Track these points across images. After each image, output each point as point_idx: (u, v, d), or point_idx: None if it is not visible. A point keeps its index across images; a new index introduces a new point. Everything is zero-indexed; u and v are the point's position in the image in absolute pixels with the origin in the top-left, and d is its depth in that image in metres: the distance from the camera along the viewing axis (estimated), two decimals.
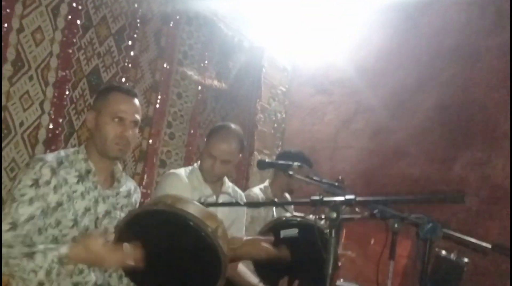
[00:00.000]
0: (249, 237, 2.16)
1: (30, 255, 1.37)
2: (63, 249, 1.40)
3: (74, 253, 1.40)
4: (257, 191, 2.77)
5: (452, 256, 2.83)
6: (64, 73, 2.24)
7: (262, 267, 2.07)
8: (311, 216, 1.94)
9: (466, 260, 2.85)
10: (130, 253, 1.41)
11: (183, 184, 2.11)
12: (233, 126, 2.24)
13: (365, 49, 4.13)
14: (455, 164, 3.58)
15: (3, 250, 1.38)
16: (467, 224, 3.37)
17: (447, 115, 3.67)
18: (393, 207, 2.09)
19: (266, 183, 2.87)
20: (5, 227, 1.43)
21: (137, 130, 1.71)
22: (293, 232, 1.98)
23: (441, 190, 3.51)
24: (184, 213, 1.41)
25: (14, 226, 1.44)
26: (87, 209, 1.60)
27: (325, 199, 1.56)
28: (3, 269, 1.40)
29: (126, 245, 1.44)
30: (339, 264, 2.55)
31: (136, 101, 1.71)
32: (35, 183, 1.49)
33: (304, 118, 4.39)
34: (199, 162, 2.23)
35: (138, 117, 1.69)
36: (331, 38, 4.29)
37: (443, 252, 2.89)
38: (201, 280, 1.50)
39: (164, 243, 1.47)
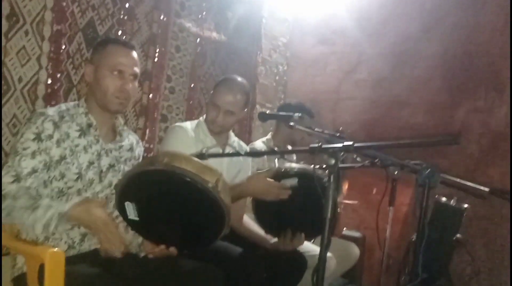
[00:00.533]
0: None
1: (33, 209, 1.40)
2: (65, 206, 1.42)
3: (75, 213, 1.42)
4: (259, 144, 2.79)
5: (452, 202, 2.89)
6: (59, 27, 2.21)
7: (265, 219, 2.11)
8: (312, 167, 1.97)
9: (465, 205, 2.91)
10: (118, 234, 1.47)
11: (188, 136, 2.13)
12: (239, 79, 2.24)
13: None
14: (457, 112, 3.57)
15: (8, 201, 1.41)
16: (468, 172, 3.39)
17: (450, 63, 3.62)
18: (393, 155, 2.11)
19: (269, 136, 2.89)
20: (8, 179, 1.46)
21: (136, 83, 1.70)
22: (293, 181, 2.02)
23: (445, 135, 3.52)
24: (182, 171, 1.42)
25: (17, 178, 1.47)
26: (90, 163, 1.62)
27: (324, 146, 1.58)
28: (5, 219, 1.43)
29: (128, 204, 1.48)
30: (339, 210, 2.61)
31: (135, 53, 1.69)
32: (38, 137, 1.51)
33: (306, 70, 4.34)
34: (205, 115, 2.24)
35: (137, 70, 1.68)
36: None
37: (443, 198, 2.94)
38: (206, 232, 1.54)
39: (166, 201, 1.50)
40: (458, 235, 2.90)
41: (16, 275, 1.57)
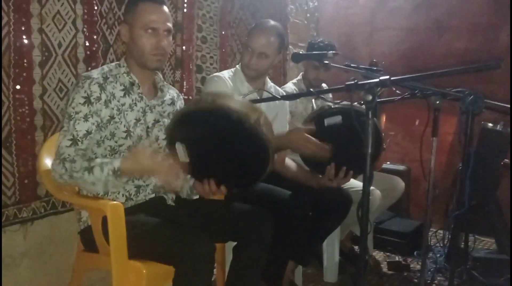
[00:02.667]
0: (292, 128, 2.23)
1: (90, 169, 1.49)
2: (116, 163, 1.51)
3: (125, 166, 1.51)
4: (290, 86, 2.78)
5: (498, 127, 2.81)
6: None
7: (311, 158, 2.15)
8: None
9: None
10: (177, 163, 1.53)
11: (227, 85, 2.17)
12: (273, 22, 2.23)
13: None
14: (501, 33, 3.38)
15: (67, 164, 1.51)
16: None
17: None
18: (434, 85, 2.06)
19: (300, 76, 2.87)
20: (66, 143, 1.56)
21: (171, 38, 1.72)
22: (337, 119, 2.02)
23: (486, 60, 3.37)
24: (225, 107, 1.48)
25: (74, 141, 1.56)
26: (137, 120, 1.69)
27: (359, 83, 1.57)
28: (68, 181, 1.54)
29: (178, 145, 1.55)
30: (384, 146, 2.61)
31: (165, 8, 1.70)
32: (87, 100, 1.58)
33: (338, 3, 4.20)
34: (241, 63, 2.25)
35: (170, 25, 1.69)
36: None
37: (489, 124, 2.87)
38: (253, 167, 1.60)
39: (213, 139, 1.57)
40: (505, 160, 2.85)
41: (82, 228, 1.71)
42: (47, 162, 1.74)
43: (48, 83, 2.09)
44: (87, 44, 2.24)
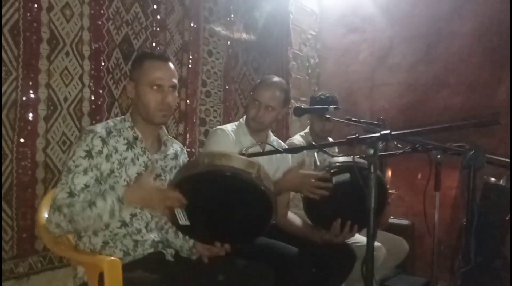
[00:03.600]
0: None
1: (91, 204, 1.49)
2: (119, 191, 1.53)
3: (129, 192, 1.53)
4: (298, 138, 2.80)
5: (502, 182, 2.80)
6: (97, 45, 2.31)
7: (315, 212, 2.13)
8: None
9: None
10: (176, 195, 1.53)
11: (229, 138, 2.19)
12: (278, 78, 2.32)
13: None
14: (498, 88, 3.45)
15: (65, 210, 1.50)
16: None
17: (486, 38, 3.51)
18: (435, 140, 2.08)
19: (307, 129, 2.90)
20: (63, 195, 1.55)
21: (176, 93, 1.75)
22: (345, 176, 2.02)
23: (485, 115, 3.42)
24: (223, 168, 1.49)
25: (71, 194, 1.55)
26: (139, 174, 1.69)
27: (361, 136, 1.58)
28: (68, 227, 1.52)
29: (177, 211, 1.57)
30: (389, 201, 2.58)
31: (170, 64, 1.74)
32: (88, 154, 1.59)
33: (338, 60, 4.31)
34: (244, 117, 2.29)
35: (175, 81, 1.73)
36: None
37: (492, 178, 2.86)
38: (256, 222, 1.59)
39: (213, 200, 1.56)
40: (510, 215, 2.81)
41: (78, 285, 1.66)
42: (46, 215, 1.72)
43: (52, 137, 2.12)
44: (93, 98, 2.29)
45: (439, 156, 2.22)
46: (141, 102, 1.70)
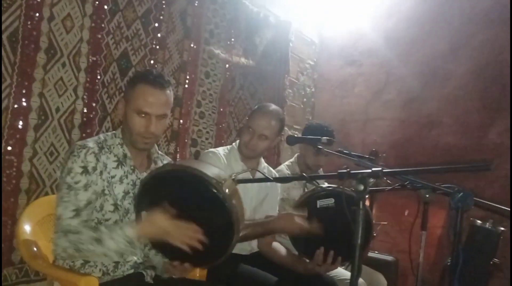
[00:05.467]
0: (283, 212, 2.21)
1: (98, 240, 1.44)
2: (129, 231, 1.45)
3: (143, 231, 1.47)
4: (284, 168, 2.77)
5: (488, 225, 2.80)
6: (95, 58, 2.31)
7: (298, 239, 2.10)
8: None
9: (502, 228, 2.81)
10: (193, 227, 1.47)
11: (220, 162, 2.17)
12: (275, 106, 2.29)
13: (394, 17, 4.02)
14: (490, 131, 3.49)
15: (72, 236, 1.46)
16: (504, 193, 3.30)
17: (481, 81, 3.57)
18: (424, 178, 2.08)
19: (293, 159, 2.87)
20: (69, 214, 1.50)
21: (165, 120, 1.68)
22: (329, 201, 2.01)
23: (475, 159, 3.44)
24: (184, 168, 1.47)
25: (77, 212, 1.51)
26: (126, 193, 1.65)
27: (352, 172, 1.57)
28: (73, 253, 1.48)
29: (144, 214, 1.51)
30: (374, 234, 2.56)
31: (165, 92, 1.63)
32: (85, 170, 1.55)
33: (334, 91, 4.35)
34: (237, 142, 2.28)
35: (165, 110, 1.64)
36: (358, 8, 4.19)
37: (478, 221, 2.86)
38: (219, 239, 1.51)
39: (180, 203, 1.50)
40: (495, 259, 2.80)
41: None
42: (27, 228, 1.68)
43: (40, 146, 2.09)
44: (85, 110, 2.28)
45: (427, 195, 2.22)
46: (126, 124, 1.64)
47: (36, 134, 2.07)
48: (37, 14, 2.06)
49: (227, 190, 1.45)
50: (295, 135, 3.66)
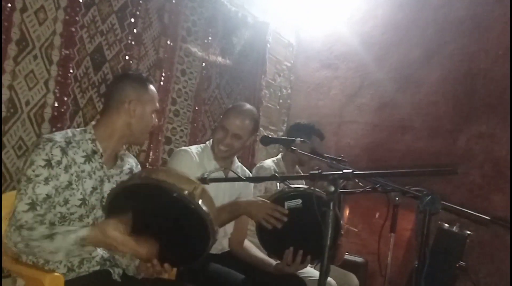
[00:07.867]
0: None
1: (50, 237, 1.42)
2: (82, 232, 1.45)
3: (92, 236, 1.45)
4: (269, 163, 2.81)
5: (455, 229, 2.87)
6: (67, 52, 2.27)
7: (268, 241, 2.11)
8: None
9: (468, 232, 2.89)
10: (144, 245, 1.47)
11: (192, 160, 2.16)
12: (250, 106, 2.29)
13: (371, 22, 4.08)
14: (459, 137, 3.58)
15: (24, 232, 1.43)
16: (471, 197, 3.39)
17: (453, 88, 3.66)
18: (395, 181, 2.12)
19: (279, 156, 2.92)
20: (23, 207, 1.47)
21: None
22: (297, 202, 2.02)
23: (445, 164, 3.53)
24: (156, 182, 1.46)
25: (32, 206, 1.48)
26: (94, 188, 1.64)
27: (324, 173, 1.60)
28: (22, 250, 1.47)
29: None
30: (342, 232, 2.60)
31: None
32: (48, 164, 1.52)
33: (310, 93, 4.39)
34: (211, 140, 2.27)
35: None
36: (335, 11, 4.24)
37: (446, 225, 2.93)
38: (194, 243, 1.54)
39: (150, 215, 1.52)
40: (461, 262, 2.88)
41: None
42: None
43: (8, 140, 2.04)
44: (56, 105, 2.23)
45: (397, 198, 2.27)
46: (140, 123, 1.71)
47: (4, 127, 2.02)
48: (9, 5, 2.01)
49: (198, 199, 1.47)
50: (270, 136, 3.67)
